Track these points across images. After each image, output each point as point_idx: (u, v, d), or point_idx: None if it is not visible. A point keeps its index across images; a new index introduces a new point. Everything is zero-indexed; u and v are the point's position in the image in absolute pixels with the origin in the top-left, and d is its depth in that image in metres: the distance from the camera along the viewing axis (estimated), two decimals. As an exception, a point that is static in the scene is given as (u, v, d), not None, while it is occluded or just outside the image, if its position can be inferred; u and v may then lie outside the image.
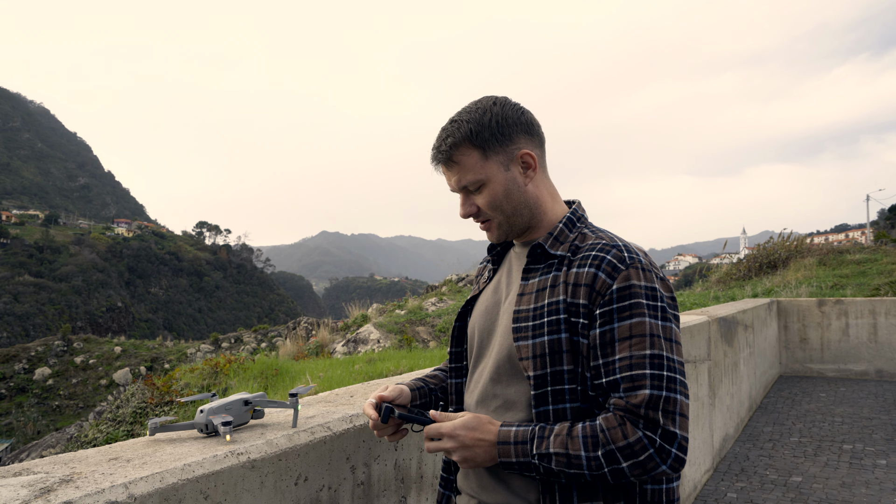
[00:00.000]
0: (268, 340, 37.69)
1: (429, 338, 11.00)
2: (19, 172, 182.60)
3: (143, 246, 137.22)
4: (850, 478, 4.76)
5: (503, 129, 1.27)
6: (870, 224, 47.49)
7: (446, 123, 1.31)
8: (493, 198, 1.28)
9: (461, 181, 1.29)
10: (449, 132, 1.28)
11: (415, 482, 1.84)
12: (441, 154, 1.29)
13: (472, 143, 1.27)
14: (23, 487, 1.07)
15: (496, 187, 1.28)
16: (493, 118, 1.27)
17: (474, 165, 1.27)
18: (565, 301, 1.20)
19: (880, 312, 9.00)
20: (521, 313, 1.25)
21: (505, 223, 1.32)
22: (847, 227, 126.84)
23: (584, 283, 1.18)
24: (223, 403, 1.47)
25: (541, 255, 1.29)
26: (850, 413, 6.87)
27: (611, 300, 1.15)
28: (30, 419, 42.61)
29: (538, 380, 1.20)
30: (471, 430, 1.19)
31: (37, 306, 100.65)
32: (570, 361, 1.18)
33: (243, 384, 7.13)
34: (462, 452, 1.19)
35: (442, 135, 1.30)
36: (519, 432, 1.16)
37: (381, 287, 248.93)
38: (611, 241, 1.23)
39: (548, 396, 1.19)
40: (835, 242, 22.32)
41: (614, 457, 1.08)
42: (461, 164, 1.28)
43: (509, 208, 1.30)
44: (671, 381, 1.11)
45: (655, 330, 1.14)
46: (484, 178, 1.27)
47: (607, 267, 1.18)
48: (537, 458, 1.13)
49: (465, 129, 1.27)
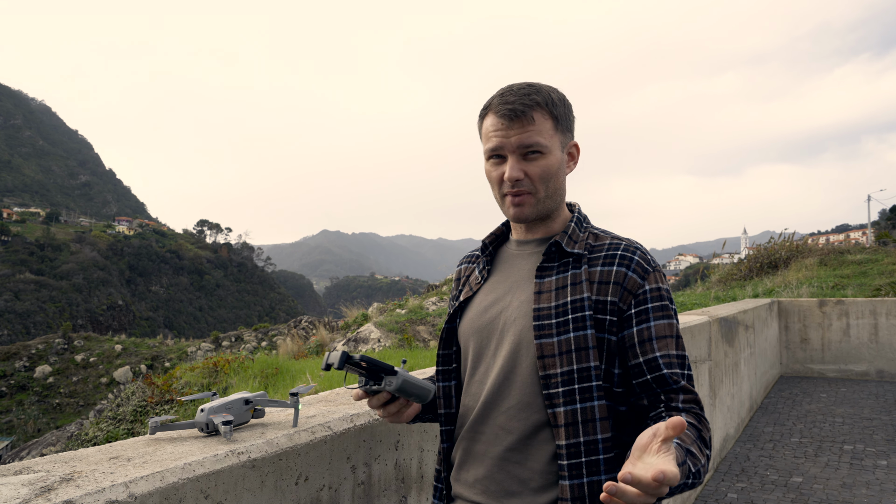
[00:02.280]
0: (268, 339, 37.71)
1: (429, 337, 11.00)
2: (20, 170, 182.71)
3: (143, 244, 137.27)
4: (851, 478, 4.76)
5: (570, 114, 1.31)
6: (871, 224, 47.46)
7: (521, 83, 1.28)
8: (547, 170, 1.26)
9: (528, 139, 1.23)
10: (530, 91, 1.25)
11: (415, 482, 1.84)
12: (523, 105, 1.23)
13: (550, 112, 1.26)
14: (23, 486, 1.07)
15: (553, 161, 1.26)
16: (565, 101, 1.30)
17: (546, 131, 1.25)
18: (590, 298, 1.20)
19: (881, 313, 8.99)
20: (543, 311, 1.22)
21: (543, 200, 1.29)
22: (848, 228, 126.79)
23: (615, 280, 1.21)
24: (224, 402, 1.47)
25: (556, 254, 1.28)
26: (850, 413, 6.87)
27: (645, 300, 1.20)
28: (30, 417, 42.65)
29: (565, 377, 1.18)
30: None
31: (37, 304, 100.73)
32: (597, 357, 1.18)
33: (243, 383, 7.13)
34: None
35: (526, 89, 1.25)
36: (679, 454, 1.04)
37: (382, 286, 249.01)
38: (631, 243, 1.27)
39: (575, 394, 1.17)
40: (836, 243, 22.30)
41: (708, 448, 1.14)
42: (537, 123, 1.24)
43: (553, 187, 1.29)
44: (691, 379, 1.21)
45: (678, 332, 1.23)
46: (549, 146, 1.25)
47: (637, 268, 1.22)
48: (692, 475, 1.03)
49: (546, 96, 1.26)
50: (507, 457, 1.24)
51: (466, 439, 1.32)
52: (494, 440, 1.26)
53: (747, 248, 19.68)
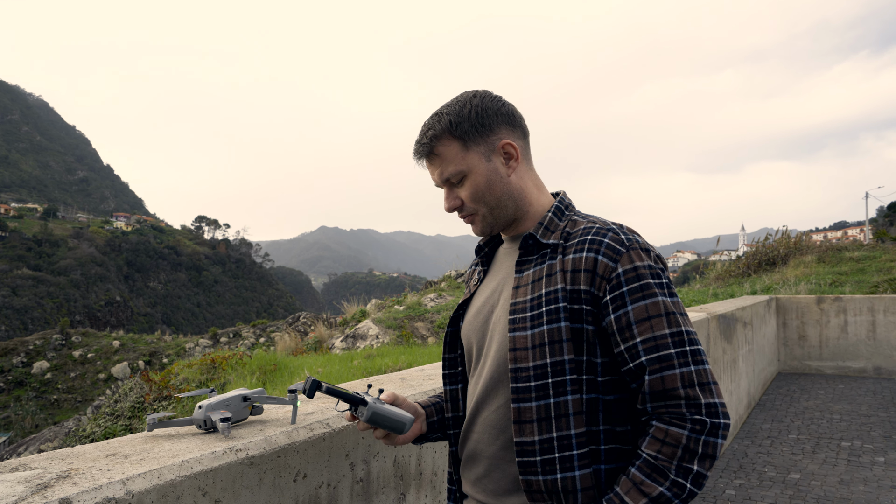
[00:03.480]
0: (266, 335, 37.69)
1: (427, 334, 11.00)
2: (18, 165, 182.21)
3: (141, 240, 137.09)
4: (849, 475, 4.77)
5: (483, 119, 1.26)
6: (869, 221, 47.53)
7: (428, 118, 1.30)
8: (476, 189, 1.27)
9: (443, 173, 1.28)
10: (429, 125, 1.28)
11: (414, 479, 1.84)
12: (423, 147, 1.28)
13: (452, 135, 1.25)
14: (20, 483, 1.06)
15: (478, 178, 1.26)
16: (472, 109, 1.26)
17: (455, 157, 1.26)
18: (564, 289, 1.17)
19: (879, 310, 9.01)
20: (519, 305, 1.22)
21: (489, 215, 1.30)
22: (846, 225, 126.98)
23: (585, 268, 1.16)
24: (222, 399, 1.46)
25: (533, 246, 1.27)
26: (848, 410, 6.88)
27: (619, 284, 1.13)
28: (28, 413, 42.64)
29: (538, 370, 1.15)
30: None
31: (35, 300, 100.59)
32: (571, 350, 1.14)
33: (241, 379, 7.12)
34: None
35: (423, 129, 1.29)
36: None
37: (380, 282, 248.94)
38: (604, 225, 1.21)
39: (549, 388, 1.14)
40: (834, 240, 22.33)
41: (685, 468, 1.06)
42: (442, 156, 1.27)
43: (492, 200, 1.28)
44: (695, 354, 1.10)
45: (668, 307, 1.13)
46: (465, 168, 1.26)
47: (607, 250, 1.15)
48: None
49: (445, 120, 1.26)
50: (501, 455, 1.24)
51: (466, 440, 1.33)
52: (489, 439, 1.26)
53: (745, 245, 19.67)
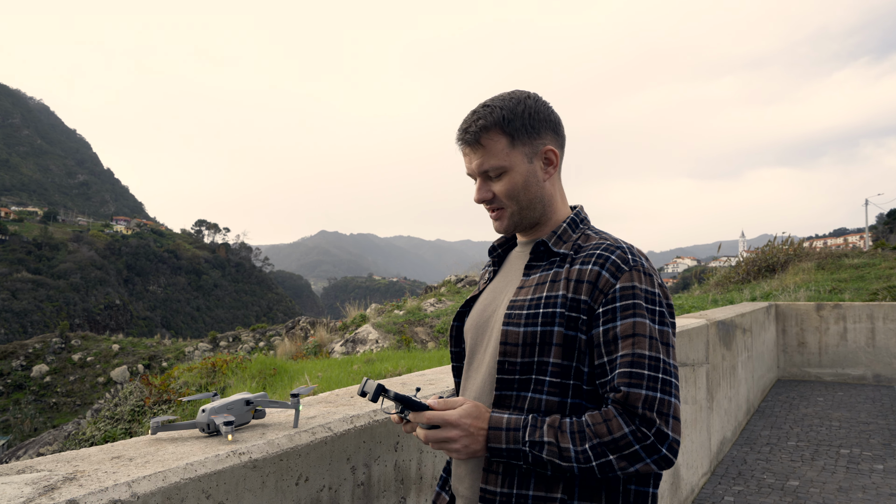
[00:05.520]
0: (266, 339, 37.67)
1: (427, 338, 11.00)
2: (18, 169, 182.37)
3: (141, 244, 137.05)
4: (848, 482, 4.77)
5: (534, 122, 1.30)
6: (868, 228, 47.54)
7: (478, 106, 1.31)
8: (512, 187, 1.30)
9: (483, 165, 1.29)
10: (480, 115, 1.29)
11: (414, 483, 1.85)
12: (469, 135, 1.29)
13: (503, 130, 1.28)
14: (27, 485, 1.08)
15: (517, 177, 1.29)
16: (526, 109, 1.29)
17: (500, 151, 1.28)
18: (565, 296, 1.21)
19: (878, 317, 9.02)
20: (517, 303, 1.26)
21: (517, 214, 1.33)
22: (846, 232, 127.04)
23: (588, 279, 1.20)
24: (225, 403, 1.48)
25: (543, 253, 1.31)
26: (847, 417, 6.89)
27: (613, 299, 1.18)
28: (27, 416, 42.56)
29: (524, 366, 1.21)
30: (474, 418, 1.17)
31: (35, 303, 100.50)
32: (558, 355, 1.19)
33: (241, 383, 7.13)
34: (464, 441, 1.17)
35: (473, 116, 1.30)
36: (511, 419, 1.17)
37: (380, 287, 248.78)
38: (615, 243, 1.25)
39: (530, 384, 1.21)
40: (833, 246, 22.34)
41: (601, 451, 1.09)
42: (487, 147, 1.28)
43: (525, 200, 1.31)
44: (666, 384, 1.12)
45: (653, 333, 1.16)
46: (507, 165, 1.28)
47: (611, 266, 1.20)
48: (528, 445, 1.13)
49: (498, 114, 1.28)
50: None
51: None
52: None
53: (745, 252, 19.67)
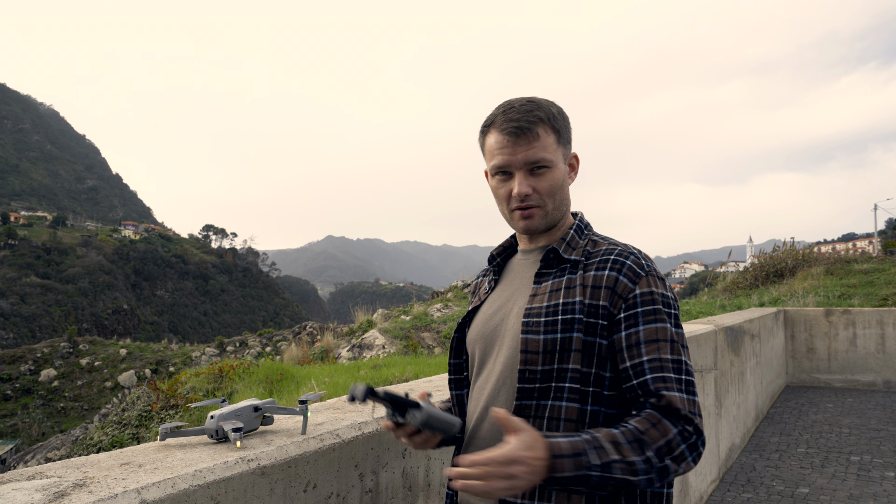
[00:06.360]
0: (273, 345, 37.72)
1: (434, 344, 10.99)
2: (28, 174, 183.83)
3: (149, 248, 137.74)
4: (858, 490, 4.73)
5: (569, 126, 1.33)
6: (877, 233, 47.21)
7: (522, 100, 1.29)
8: (554, 184, 1.29)
9: (535, 155, 1.26)
10: (532, 107, 1.27)
11: (422, 490, 1.84)
12: (525, 122, 1.25)
13: (554, 126, 1.28)
14: (37, 491, 1.08)
15: (558, 175, 1.29)
16: (563, 113, 1.32)
17: (550, 146, 1.28)
18: (583, 302, 1.21)
19: (888, 323, 8.95)
20: (534, 310, 1.25)
21: (550, 213, 1.32)
22: (854, 237, 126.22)
23: (605, 285, 1.21)
24: (233, 409, 1.48)
25: (553, 260, 1.31)
26: (857, 424, 6.83)
27: (634, 304, 1.19)
28: (35, 421, 42.73)
29: (544, 374, 1.20)
30: (532, 448, 1.01)
31: (43, 308, 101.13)
32: (578, 361, 1.19)
33: (248, 389, 7.13)
34: (528, 478, 1.01)
35: (524, 107, 1.27)
36: (572, 443, 1.05)
37: (387, 292, 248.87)
38: (626, 248, 1.27)
39: (550, 392, 1.20)
40: (842, 252, 22.18)
41: (659, 456, 1.07)
42: (541, 138, 1.26)
43: (559, 199, 1.32)
44: (690, 384, 1.15)
45: (674, 336, 1.18)
46: (553, 160, 1.28)
47: (629, 272, 1.21)
48: (599, 468, 1.03)
49: (547, 110, 1.28)
50: None
51: (471, 443, 1.34)
52: (494, 443, 1.26)
53: (753, 257, 19.58)
